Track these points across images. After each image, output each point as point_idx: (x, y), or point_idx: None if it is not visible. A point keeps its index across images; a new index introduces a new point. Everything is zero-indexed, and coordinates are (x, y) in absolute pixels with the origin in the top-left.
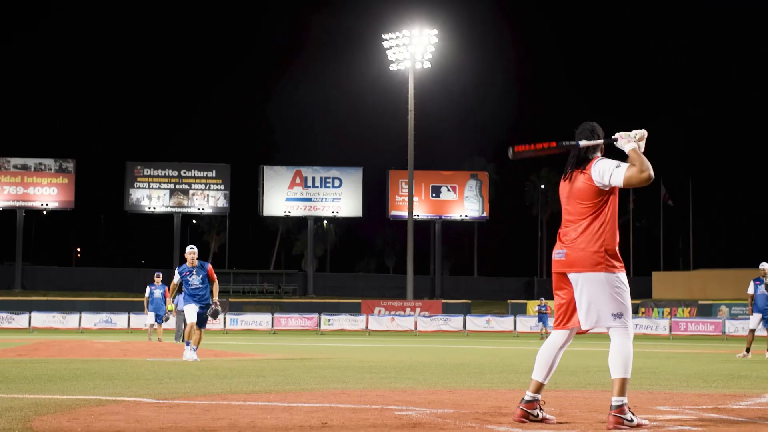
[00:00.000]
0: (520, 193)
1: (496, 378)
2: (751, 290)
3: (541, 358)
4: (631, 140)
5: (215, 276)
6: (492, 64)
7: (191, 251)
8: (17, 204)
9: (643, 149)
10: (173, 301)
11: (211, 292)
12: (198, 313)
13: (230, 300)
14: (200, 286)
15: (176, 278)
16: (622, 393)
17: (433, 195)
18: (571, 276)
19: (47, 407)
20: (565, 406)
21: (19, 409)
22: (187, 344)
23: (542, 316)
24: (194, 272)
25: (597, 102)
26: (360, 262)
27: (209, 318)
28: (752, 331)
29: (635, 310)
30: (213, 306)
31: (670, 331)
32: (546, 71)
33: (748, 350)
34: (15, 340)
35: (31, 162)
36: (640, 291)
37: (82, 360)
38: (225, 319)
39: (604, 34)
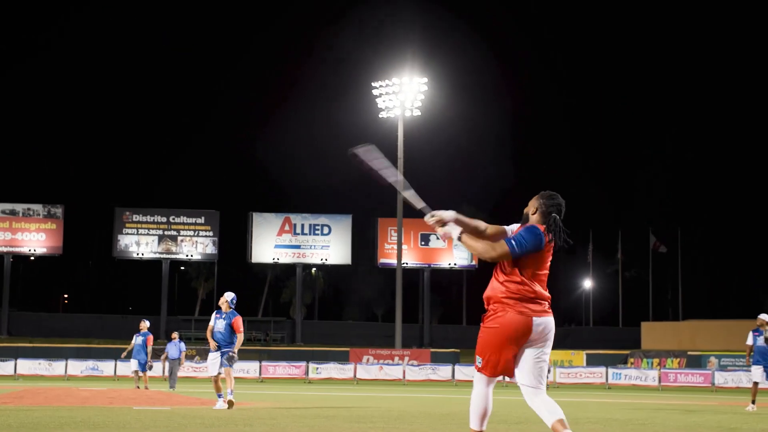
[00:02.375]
0: None
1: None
2: (749, 341)
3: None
4: (436, 222)
5: (240, 329)
6: (483, 111)
7: (223, 298)
8: (5, 249)
9: (446, 235)
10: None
11: (232, 342)
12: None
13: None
14: (221, 330)
15: (211, 321)
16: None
17: (422, 243)
18: None
19: None
20: None
21: None
22: (219, 396)
23: None
24: (222, 317)
25: (589, 150)
26: (348, 310)
27: (224, 362)
28: (756, 383)
29: (625, 360)
30: (230, 353)
31: (660, 381)
32: (537, 119)
33: (753, 402)
34: (0, 387)
35: (19, 207)
36: (629, 341)
37: (68, 408)
38: None
39: (597, 82)
